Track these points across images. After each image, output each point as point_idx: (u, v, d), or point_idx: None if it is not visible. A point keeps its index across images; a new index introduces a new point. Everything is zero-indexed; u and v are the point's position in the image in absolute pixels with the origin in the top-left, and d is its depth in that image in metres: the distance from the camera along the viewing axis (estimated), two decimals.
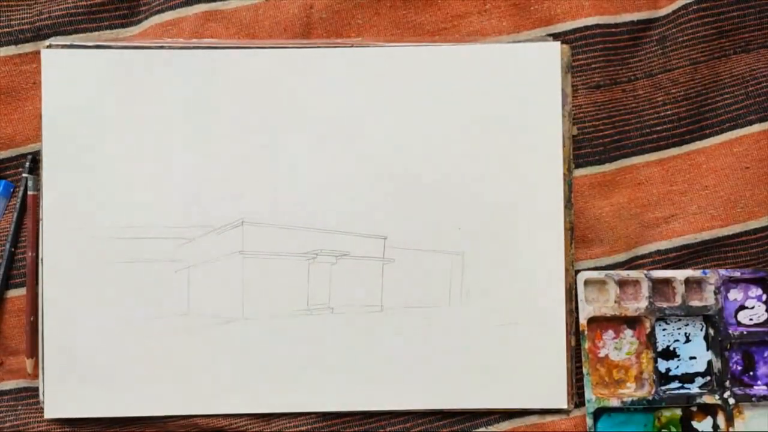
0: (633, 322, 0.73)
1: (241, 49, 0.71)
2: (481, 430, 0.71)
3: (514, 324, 0.71)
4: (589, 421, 0.71)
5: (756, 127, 0.73)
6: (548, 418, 0.72)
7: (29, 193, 0.72)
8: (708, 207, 0.73)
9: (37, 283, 0.71)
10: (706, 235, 0.73)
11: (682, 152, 0.74)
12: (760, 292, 0.73)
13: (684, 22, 0.73)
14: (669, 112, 0.73)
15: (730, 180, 0.73)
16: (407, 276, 0.72)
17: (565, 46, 0.71)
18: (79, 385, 0.70)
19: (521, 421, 0.72)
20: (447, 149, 0.71)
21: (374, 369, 0.71)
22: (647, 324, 0.72)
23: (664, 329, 0.73)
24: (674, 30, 0.73)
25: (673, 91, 0.73)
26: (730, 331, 0.72)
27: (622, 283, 0.72)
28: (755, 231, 0.73)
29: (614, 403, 0.71)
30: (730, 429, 0.71)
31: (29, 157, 0.72)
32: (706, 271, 0.72)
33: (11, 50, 0.72)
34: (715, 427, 0.72)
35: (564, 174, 0.71)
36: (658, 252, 0.73)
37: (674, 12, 0.73)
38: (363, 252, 0.71)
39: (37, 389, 0.71)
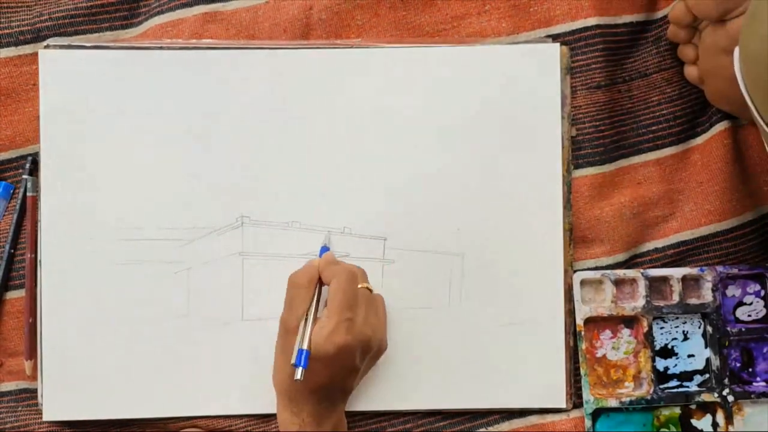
0: (630, 321, 0.73)
1: (241, 50, 0.71)
2: (481, 430, 0.71)
3: (514, 324, 0.72)
4: (588, 422, 0.71)
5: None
6: (548, 418, 0.72)
7: (28, 194, 0.71)
8: (704, 202, 0.73)
9: (36, 285, 0.71)
10: (704, 230, 0.73)
11: (678, 151, 0.74)
12: (758, 287, 0.74)
13: None
14: (664, 112, 0.74)
15: (723, 173, 0.73)
16: (407, 277, 0.72)
17: (564, 47, 0.72)
18: (78, 386, 0.70)
19: (521, 421, 0.72)
20: (446, 150, 0.72)
21: (374, 370, 0.70)
22: (645, 323, 0.72)
23: (661, 328, 0.73)
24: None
25: (668, 90, 0.74)
26: (729, 328, 0.72)
27: (618, 283, 0.72)
28: (752, 223, 0.74)
29: (612, 403, 0.71)
30: (730, 427, 0.72)
31: (29, 158, 0.72)
32: (704, 268, 0.73)
33: (11, 52, 0.72)
34: (715, 425, 0.72)
35: (563, 175, 0.72)
36: (656, 250, 0.73)
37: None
38: (363, 253, 0.71)
39: (36, 391, 0.71)
